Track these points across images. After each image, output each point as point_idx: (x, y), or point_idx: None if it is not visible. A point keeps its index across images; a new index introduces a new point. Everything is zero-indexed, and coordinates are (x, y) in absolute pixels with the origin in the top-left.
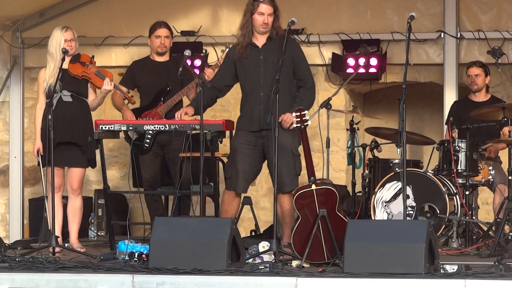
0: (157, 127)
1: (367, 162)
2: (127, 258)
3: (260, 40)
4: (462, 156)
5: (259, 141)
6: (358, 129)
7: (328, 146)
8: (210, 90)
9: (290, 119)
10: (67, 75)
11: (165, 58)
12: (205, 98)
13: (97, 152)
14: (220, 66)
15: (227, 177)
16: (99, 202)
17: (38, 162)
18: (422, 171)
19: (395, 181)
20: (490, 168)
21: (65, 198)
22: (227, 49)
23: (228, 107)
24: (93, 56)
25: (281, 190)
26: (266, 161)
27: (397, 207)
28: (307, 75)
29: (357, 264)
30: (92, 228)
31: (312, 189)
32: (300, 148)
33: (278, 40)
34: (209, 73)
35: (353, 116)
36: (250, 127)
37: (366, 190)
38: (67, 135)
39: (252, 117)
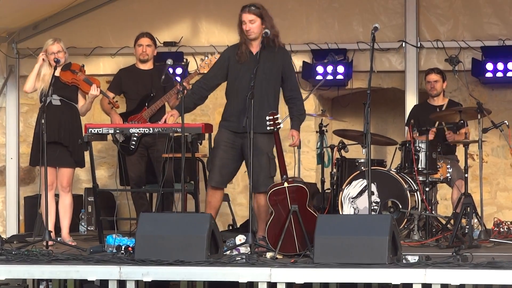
0: (142, 130)
1: (335, 161)
2: (114, 250)
3: (255, 47)
4: (422, 155)
5: (239, 141)
6: (326, 131)
7: (299, 147)
8: (197, 91)
9: (298, 137)
10: (58, 82)
11: (149, 66)
12: (192, 100)
13: (87, 153)
14: (213, 66)
15: (207, 170)
16: (89, 199)
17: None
18: (385, 169)
19: (360, 179)
20: (448, 166)
21: (57, 196)
22: (206, 58)
23: (207, 111)
24: (83, 65)
25: (256, 190)
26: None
27: (363, 202)
28: (297, 87)
29: (326, 255)
30: (83, 223)
31: (285, 187)
32: (274, 149)
33: (273, 49)
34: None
35: (322, 119)
36: (234, 128)
37: (334, 187)
38: (54, 135)
39: (237, 118)
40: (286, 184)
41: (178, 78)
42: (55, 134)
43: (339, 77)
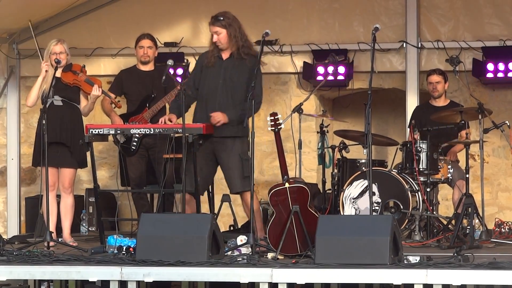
0: (143, 131)
1: (336, 162)
2: (116, 251)
3: (225, 54)
4: (423, 156)
5: (210, 146)
6: (327, 131)
7: (300, 147)
8: (190, 97)
9: (219, 118)
10: (59, 83)
11: (150, 67)
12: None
13: (88, 154)
14: (190, 74)
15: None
16: (90, 200)
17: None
18: (386, 170)
19: (362, 179)
20: (449, 167)
21: (59, 197)
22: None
23: None
24: (84, 66)
25: (232, 190)
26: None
27: (364, 203)
28: (260, 92)
29: (327, 256)
30: (84, 224)
31: (286, 187)
32: (275, 149)
33: (242, 58)
34: None
35: (323, 119)
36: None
37: (335, 188)
38: (56, 136)
39: (205, 123)
40: (287, 185)
41: (179, 79)
42: (57, 134)
43: (340, 77)
